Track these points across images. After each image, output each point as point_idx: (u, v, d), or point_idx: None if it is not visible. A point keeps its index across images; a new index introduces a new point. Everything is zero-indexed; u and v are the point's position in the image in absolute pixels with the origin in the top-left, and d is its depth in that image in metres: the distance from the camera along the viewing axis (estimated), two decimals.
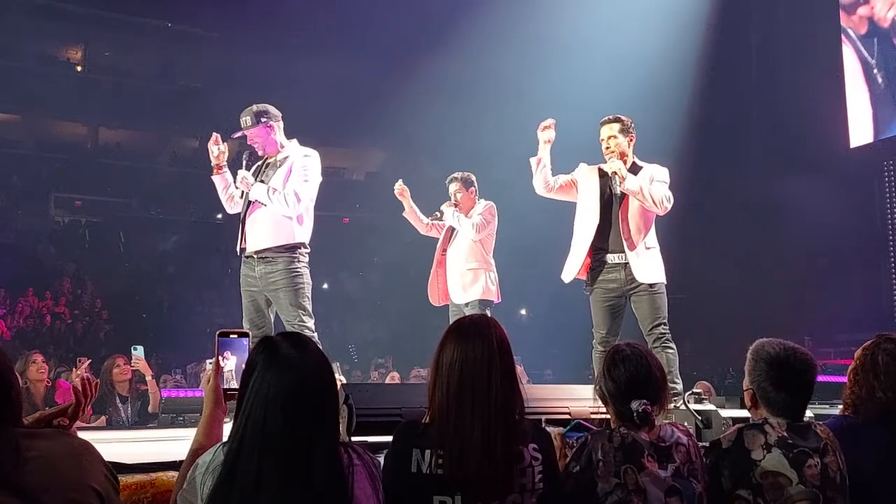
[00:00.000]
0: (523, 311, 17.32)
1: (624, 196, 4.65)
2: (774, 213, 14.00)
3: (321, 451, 1.91)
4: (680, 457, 2.46)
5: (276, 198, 4.66)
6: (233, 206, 5.02)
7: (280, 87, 19.76)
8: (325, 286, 20.34)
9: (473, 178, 6.11)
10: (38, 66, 19.78)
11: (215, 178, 5.04)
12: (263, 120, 4.85)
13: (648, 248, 4.64)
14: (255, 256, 4.70)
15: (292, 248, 4.68)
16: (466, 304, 5.85)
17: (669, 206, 4.62)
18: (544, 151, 4.71)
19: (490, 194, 6.24)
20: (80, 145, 21.81)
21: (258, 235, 4.71)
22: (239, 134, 4.94)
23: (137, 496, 2.38)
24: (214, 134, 4.98)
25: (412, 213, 6.16)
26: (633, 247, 4.57)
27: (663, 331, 4.52)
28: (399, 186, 6.04)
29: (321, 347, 2.15)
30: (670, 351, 4.47)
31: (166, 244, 19.64)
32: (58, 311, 15.12)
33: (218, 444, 1.98)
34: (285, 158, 4.84)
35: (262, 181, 4.80)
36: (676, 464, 2.44)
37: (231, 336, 2.33)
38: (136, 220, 20.04)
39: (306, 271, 4.71)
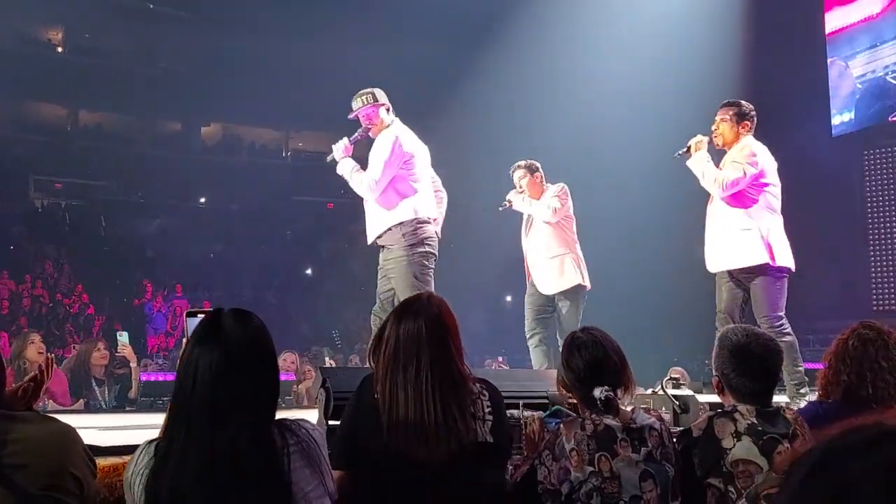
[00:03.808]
0: (508, 298, 17.38)
1: None
2: None
3: (248, 430, 1.86)
4: (653, 441, 2.48)
5: (356, 177, 4.78)
6: None
7: (262, 70, 19.67)
8: (309, 272, 20.32)
9: (538, 165, 5.80)
10: (17, 46, 19.48)
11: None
12: (368, 101, 4.88)
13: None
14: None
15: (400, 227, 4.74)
16: (557, 294, 5.51)
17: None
18: None
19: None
20: (60, 127, 21.56)
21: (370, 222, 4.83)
22: (352, 115, 4.94)
23: (111, 479, 2.37)
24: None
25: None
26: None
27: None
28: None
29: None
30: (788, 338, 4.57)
31: (148, 228, 19.50)
32: (37, 294, 14.99)
33: (143, 444, 1.93)
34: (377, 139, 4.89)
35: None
36: (649, 448, 2.47)
37: (199, 315, 2.33)
38: (117, 203, 19.87)
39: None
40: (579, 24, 13.59)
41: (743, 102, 4.92)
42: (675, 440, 2.60)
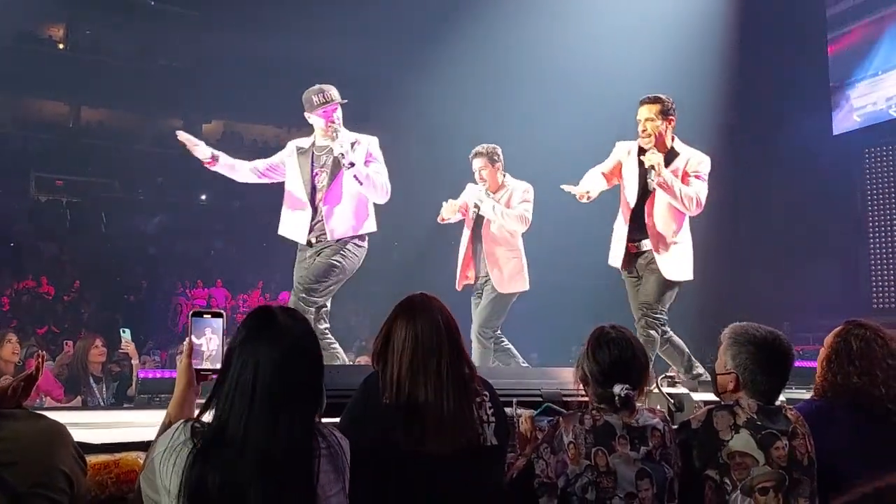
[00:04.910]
0: None
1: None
2: (755, 198, 14.02)
3: (301, 421, 1.92)
4: (654, 441, 2.48)
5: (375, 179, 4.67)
6: (260, 176, 5.17)
7: (263, 67, 19.64)
8: None
9: (500, 153, 5.40)
10: (18, 43, 19.49)
11: (217, 168, 5.02)
12: (335, 97, 4.76)
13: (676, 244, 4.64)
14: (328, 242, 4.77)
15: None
16: (510, 295, 5.28)
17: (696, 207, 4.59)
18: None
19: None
20: (62, 124, 21.57)
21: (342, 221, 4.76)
22: (316, 112, 4.79)
23: (102, 476, 2.36)
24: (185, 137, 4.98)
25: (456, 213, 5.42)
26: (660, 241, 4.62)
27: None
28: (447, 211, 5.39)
29: None
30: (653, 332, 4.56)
31: (149, 225, 19.51)
32: (37, 290, 15.00)
33: (179, 423, 1.93)
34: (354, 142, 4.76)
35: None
36: (649, 447, 2.46)
37: (205, 316, 2.32)
38: (117, 200, 19.88)
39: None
40: (569, 18, 13.50)
41: (663, 97, 4.71)
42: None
